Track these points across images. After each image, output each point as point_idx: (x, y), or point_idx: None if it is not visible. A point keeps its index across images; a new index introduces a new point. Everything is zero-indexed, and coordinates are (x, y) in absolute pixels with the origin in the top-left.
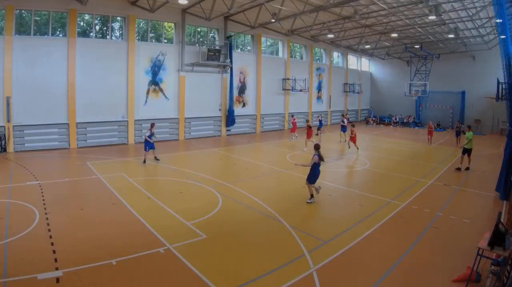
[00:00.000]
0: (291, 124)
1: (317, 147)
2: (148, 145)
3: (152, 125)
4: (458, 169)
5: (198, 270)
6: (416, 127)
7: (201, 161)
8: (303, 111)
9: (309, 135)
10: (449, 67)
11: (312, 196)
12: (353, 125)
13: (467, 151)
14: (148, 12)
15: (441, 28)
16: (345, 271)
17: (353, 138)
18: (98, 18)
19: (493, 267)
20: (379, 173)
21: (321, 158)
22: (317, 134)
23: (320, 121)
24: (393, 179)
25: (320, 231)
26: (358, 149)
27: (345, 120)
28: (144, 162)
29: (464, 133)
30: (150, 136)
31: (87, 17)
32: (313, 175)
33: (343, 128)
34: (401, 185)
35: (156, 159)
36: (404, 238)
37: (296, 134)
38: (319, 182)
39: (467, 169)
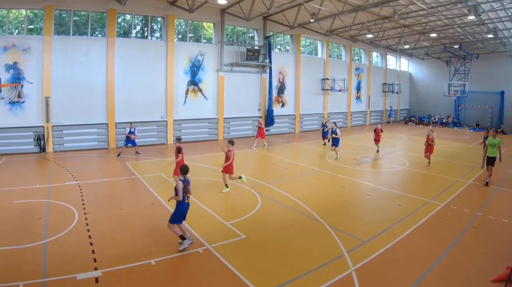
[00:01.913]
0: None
1: (183, 171)
2: (129, 141)
3: (131, 123)
4: (486, 184)
5: (237, 270)
6: (455, 127)
7: (240, 161)
8: (342, 112)
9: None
10: (488, 67)
11: (182, 238)
12: (230, 143)
13: (491, 161)
14: (187, 12)
15: (480, 28)
16: (384, 271)
17: (227, 167)
18: (139, 19)
19: None
20: (418, 173)
21: (186, 189)
22: (324, 144)
23: (324, 126)
24: (432, 178)
25: (359, 230)
26: (227, 186)
27: (337, 130)
28: (119, 155)
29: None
30: (130, 133)
31: (128, 17)
32: (177, 210)
33: (335, 142)
34: (440, 185)
35: (137, 152)
36: (443, 238)
37: (265, 143)
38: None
39: (486, 183)
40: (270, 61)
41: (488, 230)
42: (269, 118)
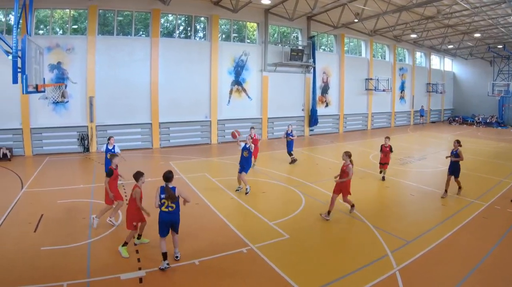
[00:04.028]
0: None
1: (165, 177)
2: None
3: (109, 138)
4: None
5: (281, 270)
6: (499, 128)
7: (283, 161)
8: (386, 112)
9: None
10: None
11: (164, 256)
12: (139, 174)
13: None
14: (231, 12)
15: None
16: (428, 271)
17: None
18: (182, 19)
19: None
20: (462, 173)
21: (168, 196)
22: (292, 161)
23: (289, 135)
24: (476, 178)
25: (403, 230)
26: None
27: (251, 147)
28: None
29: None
30: (107, 151)
31: (171, 17)
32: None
33: (244, 164)
34: (484, 185)
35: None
36: (487, 239)
37: (255, 163)
38: None
39: None
40: (314, 61)
41: None
42: (313, 118)
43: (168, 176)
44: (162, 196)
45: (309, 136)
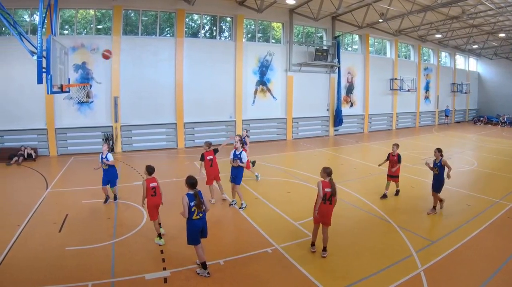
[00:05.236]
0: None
1: (191, 183)
2: (108, 175)
3: (106, 140)
4: None
5: (306, 270)
6: None
7: (309, 161)
8: (411, 112)
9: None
10: None
11: (203, 265)
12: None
13: None
14: (256, 12)
15: None
16: (453, 271)
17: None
18: (207, 18)
19: None
20: (487, 173)
21: (198, 204)
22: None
23: (242, 141)
24: (501, 178)
25: (428, 230)
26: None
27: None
28: (106, 200)
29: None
30: (102, 159)
31: (196, 17)
32: (187, 230)
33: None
34: (509, 185)
35: (114, 197)
36: None
37: (257, 174)
38: None
39: None
40: (338, 61)
41: None
42: (338, 118)
43: (193, 182)
44: (192, 203)
45: (334, 136)
